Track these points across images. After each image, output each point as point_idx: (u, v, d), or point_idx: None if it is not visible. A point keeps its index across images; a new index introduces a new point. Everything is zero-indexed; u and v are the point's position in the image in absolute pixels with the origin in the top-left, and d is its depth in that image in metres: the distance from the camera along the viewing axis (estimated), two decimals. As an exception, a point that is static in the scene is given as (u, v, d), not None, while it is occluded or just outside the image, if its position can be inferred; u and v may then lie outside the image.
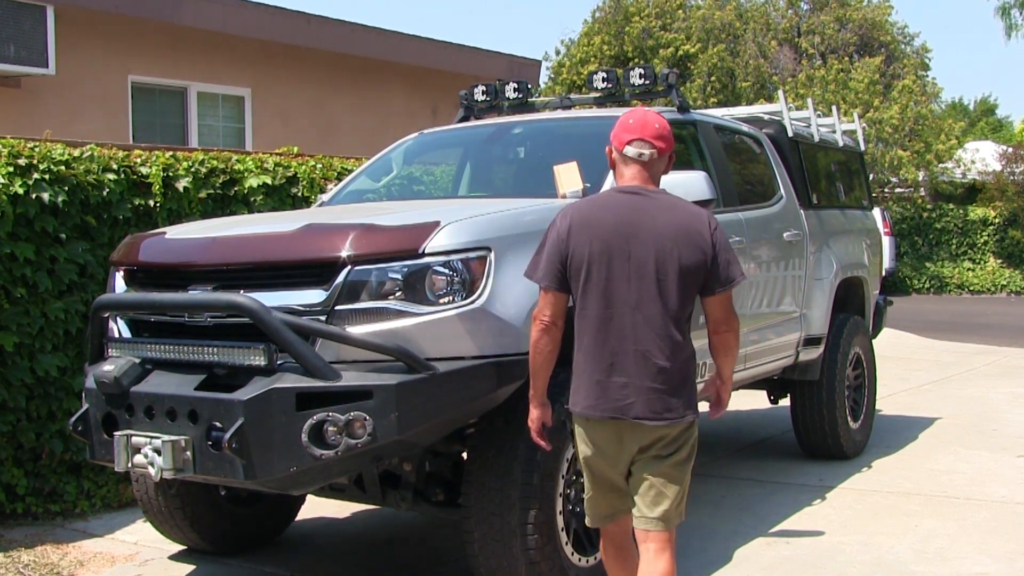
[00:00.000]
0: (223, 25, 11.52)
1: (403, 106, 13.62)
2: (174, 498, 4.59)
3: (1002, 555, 4.68)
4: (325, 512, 5.53)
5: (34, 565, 4.70)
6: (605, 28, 25.21)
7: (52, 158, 5.33)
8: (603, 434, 3.18)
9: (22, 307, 5.23)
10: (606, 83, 5.55)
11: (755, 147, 6.20)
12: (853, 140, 7.62)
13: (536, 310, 3.23)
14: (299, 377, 3.50)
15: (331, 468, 3.58)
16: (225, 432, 3.47)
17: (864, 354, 6.85)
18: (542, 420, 3.37)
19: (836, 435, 6.41)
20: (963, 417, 7.99)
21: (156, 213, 5.78)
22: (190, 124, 11.64)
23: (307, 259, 3.73)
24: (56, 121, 9.07)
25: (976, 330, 14.79)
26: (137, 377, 3.79)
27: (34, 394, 5.32)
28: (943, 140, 23.28)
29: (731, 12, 24.87)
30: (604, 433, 3.17)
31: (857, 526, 5.15)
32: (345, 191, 5.58)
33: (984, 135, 36.62)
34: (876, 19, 24.93)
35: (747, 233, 5.43)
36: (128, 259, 4.24)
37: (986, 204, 24.46)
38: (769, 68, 24.12)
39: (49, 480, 5.38)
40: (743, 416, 8.17)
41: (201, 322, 3.77)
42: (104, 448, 3.86)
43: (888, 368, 9.61)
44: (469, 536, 3.85)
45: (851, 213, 7.22)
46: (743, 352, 5.43)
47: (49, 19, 9.75)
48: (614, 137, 3.26)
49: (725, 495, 5.80)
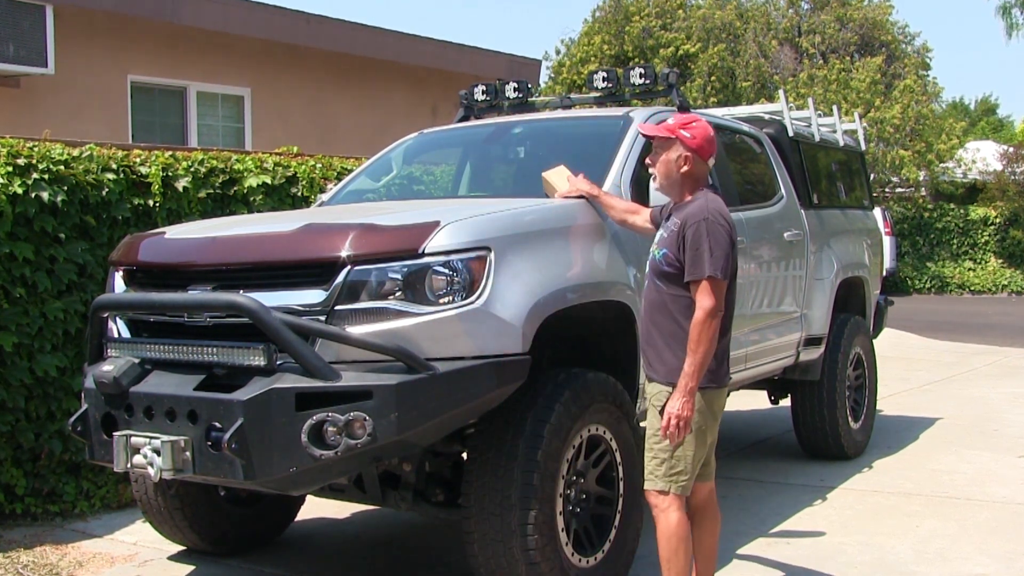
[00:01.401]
0: (223, 25, 11.51)
1: (403, 106, 13.61)
2: (173, 498, 4.58)
3: (1003, 555, 4.67)
4: (325, 512, 5.52)
5: (33, 565, 4.69)
6: (605, 28, 25.19)
7: (51, 158, 5.32)
8: (723, 399, 3.80)
9: (21, 307, 5.22)
10: (606, 83, 5.54)
11: (756, 147, 6.19)
12: (854, 140, 7.61)
13: (716, 304, 3.50)
14: (299, 377, 3.49)
15: (331, 468, 3.56)
16: (224, 432, 3.46)
17: (865, 354, 6.84)
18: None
19: (837, 435, 6.41)
20: (964, 417, 7.98)
21: (155, 213, 5.77)
22: (189, 124, 11.63)
23: (307, 259, 3.72)
24: (55, 121, 9.06)
25: (977, 330, 14.78)
26: (136, 377, 3.78)
27: (33, 394, 5.31)
28: (944, 140, 23.27)
29: (731, 11, 24.84)
30: (724, 398, 3.80)
31: (858, 526, 5.14)
32: (345, 191, 5.57)
33: (985, 135, 36.62)
34: (877, 18, 24.90)
35: (748, 233, 5.42)
36: (127, 259, 4.23)
37: (987, 204, 24.46)
38: (770, 68, 24.09)
39: (48, 480, 5.37)
40: (744, 416, 8.17)
41: (200, 322, 3.75)
42: (103, 448, 3.84)
43: (889, 368, 9.60)
44: (469, 536, 3.85)
45: (852, 213, 7.21)
46: (744, 352, 5.43)
47: (48, 18, 9.74)
48: (703, 150, 3.68)
49: (726, 495, 5.78)
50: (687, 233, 3.56)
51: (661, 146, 3.72)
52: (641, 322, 3.82)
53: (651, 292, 3.72)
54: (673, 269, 3.60)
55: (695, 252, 3.53)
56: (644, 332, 3.77)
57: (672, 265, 3.60)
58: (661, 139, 3.71)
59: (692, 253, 3.53)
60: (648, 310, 3.73)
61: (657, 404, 3.62)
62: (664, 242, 3.66)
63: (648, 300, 3.74)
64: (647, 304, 3.75)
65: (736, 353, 5.34)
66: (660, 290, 3.66)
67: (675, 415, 3.50)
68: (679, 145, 3.67)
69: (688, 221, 3.57)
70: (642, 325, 3.80)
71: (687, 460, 3.60)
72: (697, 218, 3.56)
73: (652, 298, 3.70)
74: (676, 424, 3.50)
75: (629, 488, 4.18)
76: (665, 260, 3.63)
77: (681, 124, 3.69)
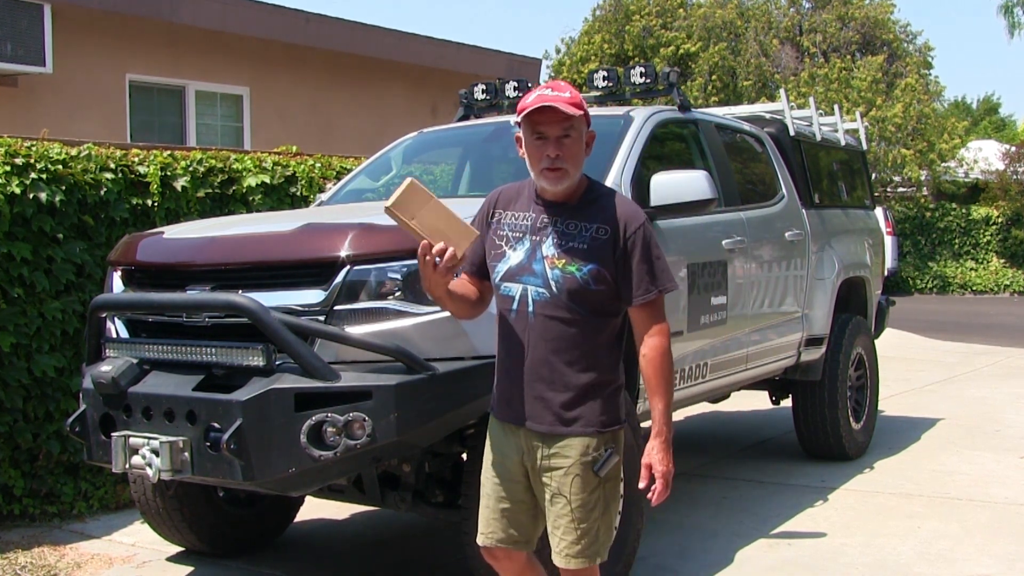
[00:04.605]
0: (221, 24, 11.50)
1: (402, 105, 13.59)
2: (172, 499, 4.56)
3: (1005, 556, 4.66)
4: (324, 513, 5.51)
5: (31, 567, 4.67)
6: (605, 27, 25.18)
7: (49, 157, 5.30)
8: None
9: (19, 307, 5.20)
10: (607, 82, 5.52)
11: (757, 146, 6.17)
12: (855, 139, 7.59)
13: (666, 323, 2.88)
14: (298, 378, 3.47)
15: (330, 469, 3.55)
16: (223, 433, 3.45)
17: (866, 354, 6.82)
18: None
19: (838, 436, 6.39)
20: (966, 418, 7.96)
21: (154, 212, 5.76)
22: (188, 123, 11.62)
23: (306, 259, 3.71)
24: (53, 120, 9.04)
25: (979, 330, 14.76)
26: (135, 378, 3.77)
27: (31, 395, 5.29)
28: (946, 139, 23.24)
29: (732, 10, 24.81)
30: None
31: (859, 527, 5.12)
32: (344, 190, 5.56)
33: (987, 134, 36.58)
34: (878, 17, 24.88)
35: (748, 233, 5.40)
36: (126, 259, 4.21)
37: (989, 203, 24.45)
38: (771, 67, 24.07)
39: (46, 481, 5.36)
40: (744, 417, 8.15)
41: (199, 322, 3.74)
42: (102, 449, 3.83)
43: (890, 368, 9.57)
44: (469, 538, 3.80)
45: (853, 212, 7.19)
46: (745, 352, 5.42)
47: (46, 17, 9.73)
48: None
49: (726, 496, 5.78)
50: (635, 237, 2.82)
51: (576, 127, 2.85)
52: (528, 363, 2.85)
53: (550, 323, 2.81)
54: (603, 287, 2.81)
55: (654, 261, 2.83)
56: (542, 375, 2.83)
57: (602, 282, 2.81)
58: (585, 117, 2.87)
59: (647, 264, 2.82)
60: (545, 347, 2.82)
61: (586, 461, 2.82)
62: (581, 254, 2.81)
63: (542, 333, 2.82)
64: (539, 338, 2.82)
65: (737, 353, 5.35)
66: (572, 319, 2.80)
67: (666, 471, 2.82)
68: (583, 119, 2.87)
69: (628, 222, 2.83)
70: (532, 367, 2.85)
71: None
72: (639, 219, 2.85)
73: (555, 331, 2.81)
74: (666, 482, 2.83)
75: (629, 489, 4.15)
76: (593, 277, 2.80)
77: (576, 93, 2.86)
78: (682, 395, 4.94)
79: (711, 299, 4.98)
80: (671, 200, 4.39)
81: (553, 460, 2.86)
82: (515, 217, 2.94)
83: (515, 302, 2.86)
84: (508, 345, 2.90)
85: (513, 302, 2.87)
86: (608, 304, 2.85)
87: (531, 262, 2.85)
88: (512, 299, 2.87)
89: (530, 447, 2.89)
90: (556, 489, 2.86)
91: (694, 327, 4.84)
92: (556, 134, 2.80)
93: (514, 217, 2.94)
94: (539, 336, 2.83)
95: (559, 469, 2.85)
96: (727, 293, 5.11)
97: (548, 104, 2.76)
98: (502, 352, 2.93)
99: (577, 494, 2.84)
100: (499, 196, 3.03)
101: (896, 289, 21.73)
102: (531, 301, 2.84)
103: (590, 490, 2.86)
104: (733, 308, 5.18)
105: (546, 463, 2.87)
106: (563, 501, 2.85)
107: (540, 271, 2.84)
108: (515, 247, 2.89)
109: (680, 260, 4.69)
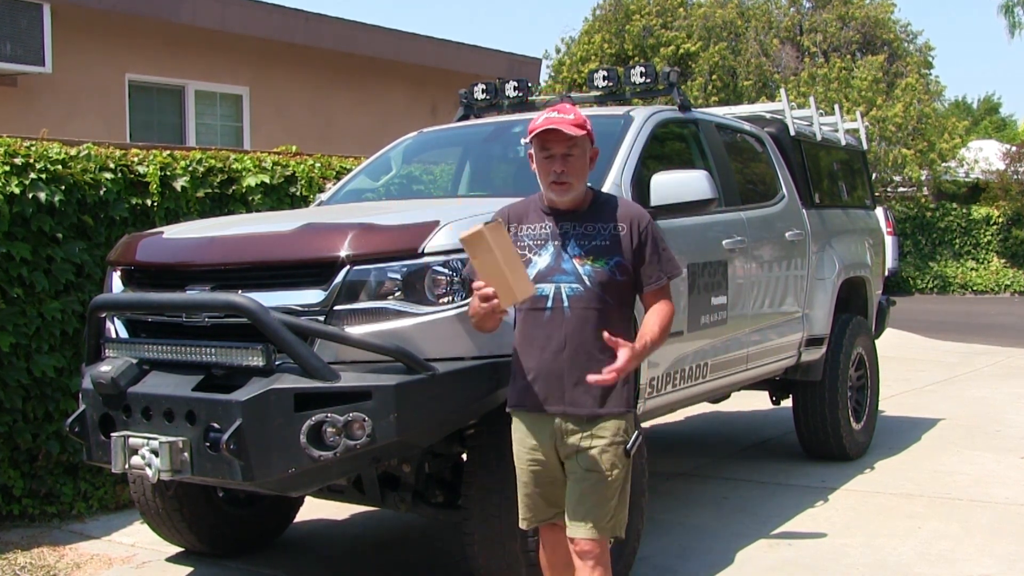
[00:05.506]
0: (221, 23, 11.50)
1: (402, 105, 13.59)
2: (171, 500, 4.56)
3: (1005, 557, 4.65)
4: (324, 514, 5.50)
5: (30, 567, 4.66)
6: (606, 26, 25.16)
7: (49, 157, 5.29)
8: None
9: (18, 307, 5.19)
10: (607, 81, 5.52)
11: (757, 146, 6.17)
12: (856, 139, 7.58)
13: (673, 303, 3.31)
14: (297, 378, 3.47)
15: (330, 469, 3.54)
16: (223, 433, 3.44)
17: (867, 354, 6.81)
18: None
19: (838, 436, 6.38)
20: (966, 418, 7.95)
21: (153, 212, 5.75)
22: (188, 123, 11.62)
23: (306, 259, 3.70)
24: (53, 120, 9.04)
25: (980, 330, 14.76)
26: (134, 378, 3.76)
27: (31, 395, 5.28)
28: (946, 139, 23.24)
29: (732, 10, 24.80)
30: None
31: (860, 528, 5.11)
32: (344, 190, 5.55)
33: (988, 134, 36.59)
34: (879, 17, 24.89)
35: (749, 232, 5.40)
36: (125, 259, 4.21)
37: (990, 203, 24.45)
38: (771, 66, 24.06)
39: (46, 481, 5.35)
40: (745, 417, 8.14)
41: (199, 322, 3.74)
42: (101, 449, 3.83)
43: (891, 369, 9.56)
44: (469, 538, 3.82)
45: (854, 212, 7.18)
46: (745, 352, 5.41)
47: (46, 17, 9.73)
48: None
49: (727, 496, 5.77)
50: (646, 232, 3.22)
51: (580, 145, 3.19)
52: (567, 353, 3.15)
53: (586, 314, 3.14)
54: (626, 277, 3.20)
55: (662, 252, 3.26)
56: (581, 363, 3.12)
57: (625, 273, 3.20)
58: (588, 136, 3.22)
59: (657, 255, 3.24)
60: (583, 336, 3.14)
61: (618, 440, 3.15)
62: (605, 251, 3.17)
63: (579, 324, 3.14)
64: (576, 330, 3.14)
65: (737, 353, 5.34)
66: (603, 308, 3.15)
67: (622, 367, 3.03)
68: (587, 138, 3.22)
69: (638, 220, 3.23)
70: (572, 356, 3.14)
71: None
72: (647, 217, 3.28)
73: (592, 321, 3.13)
74: (616, 373, 3.02)
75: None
76: (619, 269, 3.19)
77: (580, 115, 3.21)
78: (682, 395, 4.93)
79: (711, 299, 4.97)
80: (671, 200, 4.38)
81: (591, 440, 3.16)
82: (531, 228, 3.26)
83: (549, 300, 3.17)
84: (542, 341, 3.19)
85: (547, 300, 3.17)
86: (628, 293, 3.24)
87: (559, 263, 3.18)
88: (546, 298, 3.17)
89: (564, 431, 3.18)
90: (590, 465, 3.15)
91: (694, 327, 4.83)
92: (562, 152, 3.16)
93: (530, 228, 3.26)
94: (576, 328, 3.15)
95: (595, 448, 3.15)
96: (727, 293, 5.10)
97: (554, 127, 3.12)
98: (534, 349, 3.20)
99: (609, 471, 3.15)
100: (509, 213, 3.34)
101: (896, 289, 21.73)
102: (565, 297, 3.16)
103: (620, 468, 3.17)
104: (733, 308, 5.18)
105: (584, 443, 3.16)
106: (595, 477, 3.15)
107: (571, 269, 3.17)
108: (539, 253, 3.21)
109: (680, 260, 4.64)
